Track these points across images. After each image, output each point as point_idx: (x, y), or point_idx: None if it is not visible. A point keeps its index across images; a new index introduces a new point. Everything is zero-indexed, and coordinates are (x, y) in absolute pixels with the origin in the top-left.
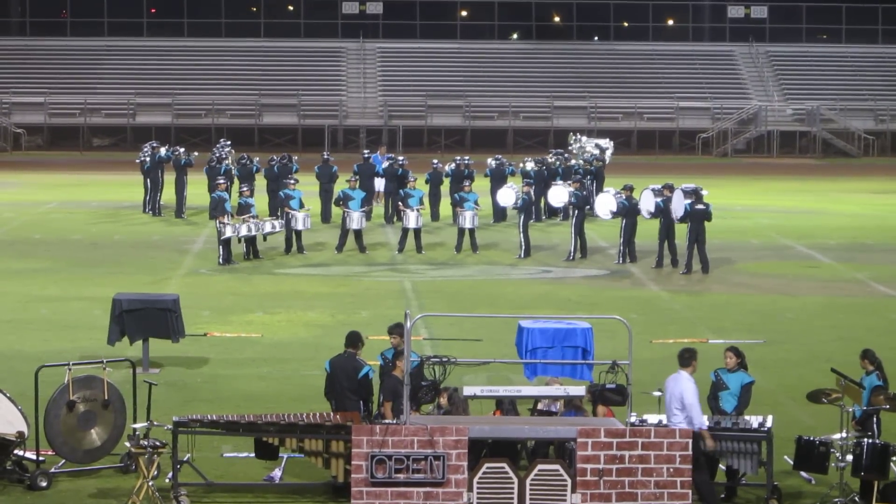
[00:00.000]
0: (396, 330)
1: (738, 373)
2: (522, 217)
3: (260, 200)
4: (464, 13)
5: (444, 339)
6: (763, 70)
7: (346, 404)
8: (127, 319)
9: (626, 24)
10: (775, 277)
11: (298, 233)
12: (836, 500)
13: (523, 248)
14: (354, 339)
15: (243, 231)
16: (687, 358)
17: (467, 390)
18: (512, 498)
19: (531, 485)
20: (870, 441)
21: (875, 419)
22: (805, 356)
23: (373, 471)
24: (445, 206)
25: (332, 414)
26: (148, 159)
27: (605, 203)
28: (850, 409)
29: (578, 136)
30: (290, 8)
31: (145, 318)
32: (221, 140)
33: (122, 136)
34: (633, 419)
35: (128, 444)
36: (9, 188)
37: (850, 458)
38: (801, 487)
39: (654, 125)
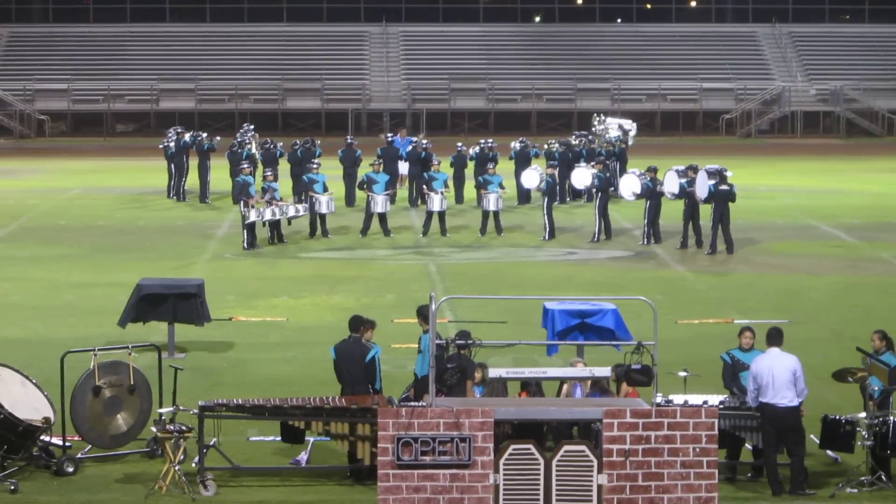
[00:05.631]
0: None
1: (754, 351)
2: (546, 199)
3: (283, 184)
4: None
5: (469, 322)
6: (786, 50)
7: (356, 389)
8: (144, 304)
9: (648, 6)
10: (800, 257)
11: (322, 216)
12: (863, 478)
13: (547, 230)
14: (357, 323)
15: (267, 215)
16: (778, 336)
17: (493, 372)
18: (538, 479)
19: (557, 466)
20: None
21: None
22: (830, 335)
23: (399, 453)
24: (469, 189)
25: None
26: (172, 144)
27: (629, 184)
28: (875, 388)
29: (603, 118)
30: None
31: (168, 304)
32: (245, 125)
33: (145, 121)
34: (658, 399)
35: (154, 429)
36: (33, 175)
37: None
38: (827, 467)
39: (678, 106)
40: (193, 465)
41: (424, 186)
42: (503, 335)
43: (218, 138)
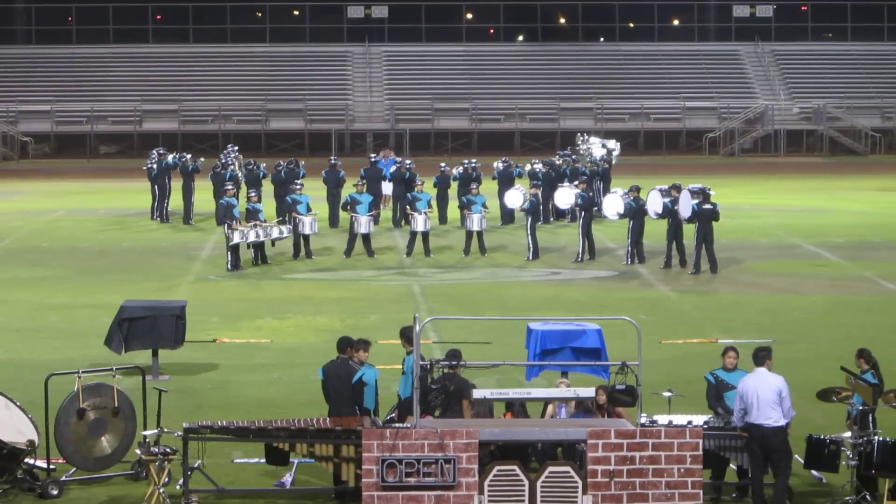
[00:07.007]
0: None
1: (738, 371)
2: (530, 219)
3: (267, 206)
4: (469, 16)
5: (454, 343)
6: (769, 69)
7: (342, 410)
8: (129, 328)
9: (631, 25)
10: (783, 276)
11: (306, 237)
12: (848, 498)
13: (531, 250)
14: (344, 345)
15: (251, 237)
16: (764, 356)
17: (477, 393)
18: (523, 500)
19: (542, 487)
20: (881, 439)
21: (871, 418)
22: (814, 355)
23: (383, 475)
24: (453, 209)
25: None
26: (155, 166)
27: (613, 204)
28: (858, 408)
29: (586, 137)
30: (296, 13)
31: (145, 327)
32: (228, 146)
33: (128, 143)
34: (643, 420)
35: (138, 451)
36: (16, 196)
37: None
38: (812, 487)
39: (661, 125)
40: (178, 487)
41: (408, 207)
42: (487, 356)
43: (202, 159)
